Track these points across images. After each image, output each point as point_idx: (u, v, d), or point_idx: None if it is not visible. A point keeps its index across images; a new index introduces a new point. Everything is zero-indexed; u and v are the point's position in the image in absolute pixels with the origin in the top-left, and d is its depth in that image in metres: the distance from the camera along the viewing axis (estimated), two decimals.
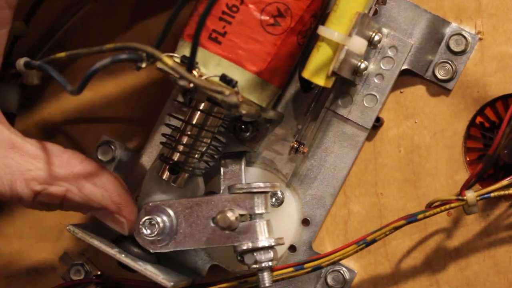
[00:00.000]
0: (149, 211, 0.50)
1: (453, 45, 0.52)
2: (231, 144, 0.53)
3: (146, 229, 0.50)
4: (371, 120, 0.52)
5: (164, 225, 0.50)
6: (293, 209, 0.53)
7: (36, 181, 0.45)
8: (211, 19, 0.47)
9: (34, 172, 0.45)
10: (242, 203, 0.49)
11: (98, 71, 0.42)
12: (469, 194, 0.49)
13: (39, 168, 0.45)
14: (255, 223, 0.49)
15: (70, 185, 0.47)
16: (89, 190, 0.47)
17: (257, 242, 0.49)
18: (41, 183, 0.46)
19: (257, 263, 0.49)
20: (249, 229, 0.49)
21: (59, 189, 0.46)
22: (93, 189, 0.48)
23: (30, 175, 0.45)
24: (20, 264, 0.57)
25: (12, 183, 0.45)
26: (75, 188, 0.47)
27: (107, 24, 0.56)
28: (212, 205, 0.49)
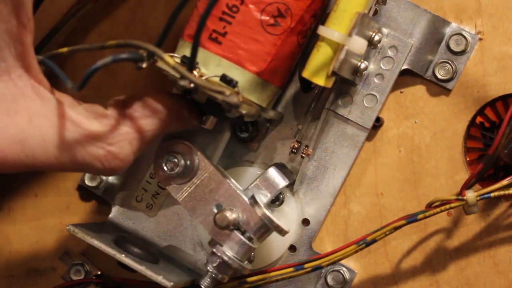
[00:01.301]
0: (182, 149, 0.50)
1: (453, 45, 0.52)
2: (231, 144, 0.53)
3: (167, 164, 0.49)
4: (371, 120, 0.52)
5: (184, 169, 0.49)
6: (293, 209, 0.53)
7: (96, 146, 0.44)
8: (211, 19, 0.47)
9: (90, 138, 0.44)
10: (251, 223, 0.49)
11: (99, 69, 0.42)
12: (469, 194, 0.49)
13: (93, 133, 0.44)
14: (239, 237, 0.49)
15: (130, 135, 0.45)
16: (148, 125, 0.46)
17: (225, 255, 0.48)
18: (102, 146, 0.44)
19: (211, 268, 0.49)
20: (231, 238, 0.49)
21: (122, 145, 0.45)
22: (150, 122, 0.46)
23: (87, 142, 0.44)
24: (20, 264, 0.57)
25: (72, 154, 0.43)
26: (136, 133, 0.46)
27: (107, 24, 0.56)
28: (228, 194, 0.49)
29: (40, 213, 0.57)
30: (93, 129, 0.44)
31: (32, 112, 0.42)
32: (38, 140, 0.42)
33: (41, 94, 0.43)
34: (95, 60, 0.42)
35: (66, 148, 0.43)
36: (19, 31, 0.41)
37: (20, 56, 0.42)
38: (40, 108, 0.42)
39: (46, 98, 0.43)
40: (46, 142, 0.42)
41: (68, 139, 0.43)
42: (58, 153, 0.43)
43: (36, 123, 0.42)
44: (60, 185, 0.57)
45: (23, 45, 0.42)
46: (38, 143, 0.42)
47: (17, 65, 0.42)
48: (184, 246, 0.55)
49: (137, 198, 0.55)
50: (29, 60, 0.42)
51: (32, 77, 0.42)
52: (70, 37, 0.56)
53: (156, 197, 0.55)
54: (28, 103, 0.42)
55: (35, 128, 0.42)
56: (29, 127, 0.42)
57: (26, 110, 0.42)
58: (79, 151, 0.44)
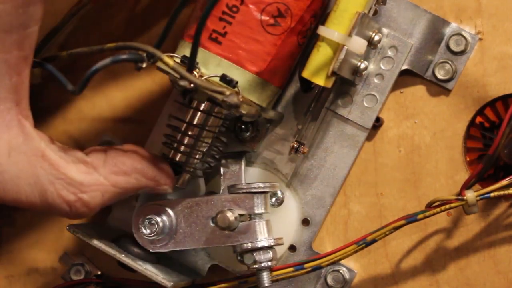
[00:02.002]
0: (149, 211, 0.50)
1: (453, 45, 0.52)
2: (231, 144, 0.53)
3: (146, 229, 0.50)
4: (371, 120, 0.52)
5: (164, 224, 0.50)
6: (293, 209, 0.53)
7: (68, 191, 0.44)
8: (211, 19, 0.47)
9: (64, 182, 0.44)
10: (242, 203, 0.49)
11: (98, 71, 0.42)
12: (469, 194, 0.49)
13: (69, 178, 0.44)
14: (254, 223, 0.49)
15: (104, 187, 0.46)
16: (124, 183, 0.46)
17: (257, 242, 0.49)
18: (74, 192, 0.44)
19: (257, 263, 0.49)
20: (249, 229, 0.49)
21: (94, 195, 0.45)
22: (127, 180, 0.46)
23: (60, 185, 0.44)
24: (20, 264, 0.57)
25: (43, 194, 0.43)
26: (110, 187, 0.46)
27: (107, 24, 0.56)
28: (212, 205, 0.49)
29: (40, 213, 0.57)
30: (69, 173, 0.44)
31: (13, 147, 0.42)
32: (12, 176, 0.42)
33: (25, 131, 0.42)
34: (95, 61, 0.42)
35: (39, 187, 0.43)
36: (18, 63, 0.40)
37: (14, 88, 0.41)
38: (21, 145, 0.42)
39: (29, 135, 0.42)
40: (19, 178, 0.42)
41: (43, 180, 0.43)
42: (30, 191, 0.43)
43: (14, 158, 0.42)
44: None
45: (19, 77, 0.41)
46: (12, 178, 0.42)
47: (9, 98, 0.41)
48: None
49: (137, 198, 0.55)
50: (22, 93, 0.42)
51: (20, 111, 0.42)
52: (70, 37, 0.56)
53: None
54: (10, 137, 0.42)
55: (12, 163, 0.42)
56: (7, 162, 0.41)
57: (7, 144, 0.41)
58: (51, 193, 0.43)
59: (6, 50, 0.40)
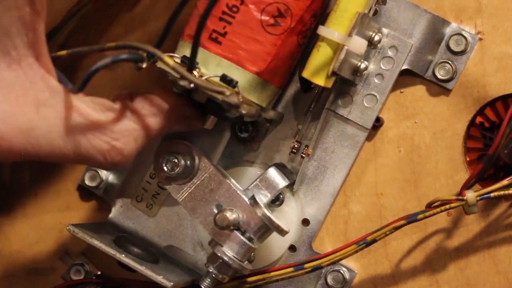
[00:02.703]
0: (182, 149, 0.50)
1: (453, 45, 0.52)
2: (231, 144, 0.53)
3: (167, 164, 0.49)
4: (371, 120, 0.52)
5: (184, 170, 0.49)
6: (293, 209, 0.53)
7: (101, 140, 0.44)
8: (211, 19, 0.47)
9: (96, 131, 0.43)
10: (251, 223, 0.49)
11: (98, 71, 0.42)
12: (469, 194, 0.49)
13: (100, 126, 0.44)
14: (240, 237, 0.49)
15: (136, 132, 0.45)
16: (153, 123, 0.46)
17: (225, 255, 0.49)
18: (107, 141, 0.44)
19: (212, 268, 0.49)
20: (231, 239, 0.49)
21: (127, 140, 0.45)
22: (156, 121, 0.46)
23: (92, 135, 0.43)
24: (20, 264, 0.57)
25: (76, 146, 0.43)
26: (141, 130, 0.45)
27: (107, 24, 0.56)
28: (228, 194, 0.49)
29: (40, 213, 0.57)
30: (99, 122, 0.44)
31: (40, 102, 0.42)
32: (44, 130, 0.42)
33: (50, 84, 0.42)
34: (95, 61, 0.42)
35: (71, 139, 0.43)
36: (32, 19, 0.40)
37: (31, 44, 0.41)
38: (48, 99, 0.42)
39: (54, 88, 0.42)
40: (51, 132, 0.42)
41: (74, 131, 0.43)
42: (63, 144, 0.43)
43: (43, 113, 0.42)
44: (60, 185, 0.57)
45: (35, 33, 0.41)
46: (44, 133, 0.42)
47: (28, 54, 0.41)
48: (184, 246, 0.55)
49: (137, 198, 0.55)
50: (40, 49, 0.42)
51: (42, 66, 0.42)
52: (70, 37, 0.56)
53: (156, 197, 0.55)
54: (36, 93, 0.42)
55: (42, 118, 0.42)
56: (37, 117, 0.41)
57: (34, 100, 0.41)
58: (84, 144, 0.43)
59: (19, 6, 0.40)
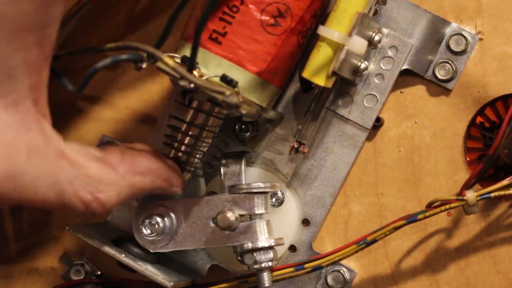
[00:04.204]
0: (149, 210, 0.50)
1: (453, 45, 0.52)
2: (231, 144, 0.53)
3: (146, 229, 0.50)
4: (371, 120, 0.52)
5: (164, 225, 0.50)
6: (293, 209, 0.53)
7: (86, 190, 0.43)
8: (211, 19, 0.47)
9: (83, 181, 0.43)
10: (242, 203, 0.49)
11: (98, 71, 0.42)
12: (469, 194, 0.49)
13: (88, 177, 0.44)
14: (255, 223, 0.49)
15: (120, 187, 0.45)
16: (139, 183, 0.46)
17: (257, 242, 0.49)
18: (91, 192, 0.44)
19: (257, 263, 0.49)
20: (249, 229, 0.49)
21: (110, 194, 0.45)
22: (142, 181, 0.46)
23: (79, 185, 0.43)
24: (20, 264, 0.57)
25: (60, 194, 0.43)
26: (126, 187, 0.45)
27: (107, 24, 0.56)
28: (212, 205, 0.49)
29: (40, 213, 0.57)
30: (87, 172, 0.43)
31: (32, 148, 0.41)
32: (31, 177, 0.41)
33: (44, 131, 0.42)
34: (95, 62, 0.42)
35: (57, 188, 0.42)
36: (38, 62, 0.40)
37: (33, 87, 0.40)
38: (40, 145, 0.41)
39: (47, 135, 0.42)
40: (38, 179, 0.41)
41: (61, 180, 0.42)
42: (47, 192, 0.42)
43: (34, 160, 0.41)
44: None
45: (39, 76, 0.40)
46: (31, 180, 0.41)
47: (27, 97, 0.40)
48: None
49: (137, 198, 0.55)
50: (41, 93, 0.41)
51: (39, 111, 0.41)
52: (70, 37, 0.56)
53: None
54: (30, 138, 0.41)
55: (31, 164, 0.41)
56: (27, 163, 0.41)
57: (26, 145, 0.41)
58: (68, 193, 0.43)
59: (27, 49, 0.39)
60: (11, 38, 0.38)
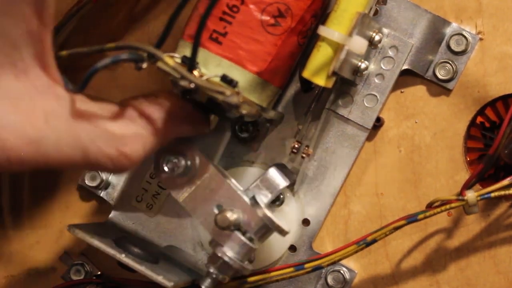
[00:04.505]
0: (183, 149, 0.49)
1: (453, 45, 0.52)
2: (231, 144, 0.53)
3: (167, 165, 0.49)
4: (372, 120, 0.52)
5: (185, 170, 0.49)
6: (293, 209, 0.53)
7: (110, 146, 0.44)
8: (211, 19, 0.47)
9: (104, 137, 0.43)
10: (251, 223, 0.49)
11: (99, 71, 0.42)
12: (470, 194, 0.49)
13: (109, 132, 0.44)
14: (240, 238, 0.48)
15: (144, 138, 0.45)
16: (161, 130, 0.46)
17: (226, 255, 0.48)
18: (116, 147, 0.44)
19: (212, 268, 0.49)
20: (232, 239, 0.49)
21: (135, 147, 0.45)
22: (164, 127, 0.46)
23: (101, 142, 0.43)
24: (20, 264, 0.57)
25: (85, 153, 0.43)
26: (150, 137, 0.45)
27: (107, 24, 0.56)
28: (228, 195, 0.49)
29: (40, 213, 0.57)
30: (108, 128, 0.44)
31: (49, 111, 0.42)
32: (53, 140, 0.42)
33: (57, 93, 0.42)
34: (95, 62, 0.42)
35: (80, 147, 0.43)
36: (39, 31, 0.41)
37: (38, 55, 0.41)
38: (56, 108, 0.42)
39: (62, 97, 0.42)
40: (61, 141, 0.42)
41: (83, 139, 0.43)
42: (72, 152, 0.43)
43: (52, 122, 0.42)
44: (60, 185, 0.57)
45: (43, 44, 0.41)
46: (53, 143, 0.42)
47: (35, 65, 0.41)
48: (184, 246, 0.55)
49: (137, 198, 0.55)
50: (48, 59, 0.42)
51: (49, 76, 0.42)
52: (70, 37, 0.56)
53: (156, 197, 0.55)
54: (44, 103, 0.42)
55: (51, 128, 0.42)
56: (45, 127, 0.41)
57: (42, 109, 0.42)
58: (93, 151, 0.43)
59: (27, 19, 0.40)
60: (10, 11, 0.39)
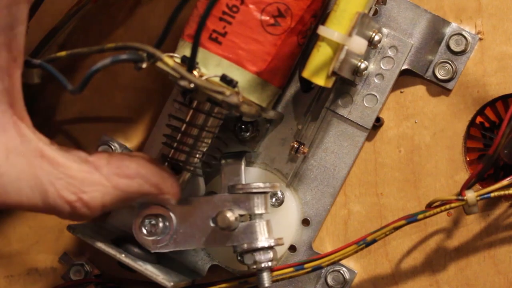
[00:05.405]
0: (149, 211, 0.50)
1: (453, 45, 0.52)
2: (231, 144, 0.53)
3: (146, 229, 0.50)
4: (371, 120, 0.52)
5: (164, 225, 0.50)
6: (293, 209, 0.53)
7: (68, 191, 0.43)
8: (211, 19, 0.47)
9: (64, 181, 0.43)
10: (242, 203, 0.49)
11: (98, 71, 0.42)
12: (469, 194, 0.49)
13: (69, 176, 0.43)
14: (254, 223, 0.49)
15: (104, 188, 0.45)
16: (125, 186, 0.45)
17: (257, 242, 0.49)
18: (74, 192, 0.44)
19: (257, 264, 0.49)
20: (249, 229, 0.49)
21: (94, 195, 0.44)
22: (129, 184, 0.46)
23: (61, 185, 0.43)
24: (20, 264, 0.57)
25: (44, 195, 0.43)
26: (111, 188, 0.45)
27: (107, 24, 0.56)
28: (212, 205, 0.49)
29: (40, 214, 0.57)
30: (70, 172, 0.43)
31: (11, 149, 0.41)
32: (12, 178, 0.41)
33: (22, 132, 0.42)
34: (95, 62, 0.42)
35: (39, 188, 0.42)
36: (8, 65, 0.40)
37: (6, 90, 0.41)
38: (18, 146, 0.42)
39: (26, 136, 0.42)
40: (20, 180, 0.42)
41: (43, 181, 0.42)
42: (31, 193, 0.42)
43: (13, 160, 0.41)
44: None
45: (11, 79, 0.40)
46: (12, 181, 0.41)
47: (2, 101, 0.41)
48: None
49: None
50: (15, 95, 0.41)
51: (15, 113, 0.41)
52: (70, 37, 0.56)
53: None
54: (7, 140, 0.41)
55: (11, 165, 0.41)
56: (6, 164, 0.41)
57: (4, 146, 0.41)
58: (51, 194, 0.43)
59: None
60: None
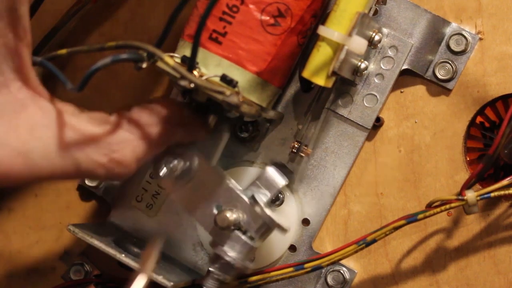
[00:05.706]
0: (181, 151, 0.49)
1: (453, 45, 0.52)
2: (231, 144, 0.53)
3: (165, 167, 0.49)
4: (371, 120, 0.52)
5: (183, 172, 0.49)
6: (293, 209, 0.53)
7: (98, 153, 0.43)
8: (211, 19, 0.47)
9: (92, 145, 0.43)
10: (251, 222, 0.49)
11: (98, 70, 0.42)
12: (469, 194, 0.49)
13: (95, 140, 0.43)
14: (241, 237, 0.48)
15: (132, 142, 0.45)
16: (152, 134, 0.45)
17: (227, 255, 0.48)
18: (105, 154, 0.44)
19: (214, 269, 0.49)
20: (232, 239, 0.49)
21: (125, 152, 0.44)
22: (153, 130, 0.46)
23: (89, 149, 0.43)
24: (20, 264, 0.57)
25: (75, 162, 0.43)
26: (138, 140, 0.45)
27: (107, 24, 0.56)
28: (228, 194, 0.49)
29: (40, 213, 0.57)
30: (95, 135, 0.44)
31: (33, 123, 0.42)
32: (41, 151, 0.42)
33: (41, 105, 0.42)
34: (95, 61, 0.42)
35: (70, 156, 0.43)
36: (16, 45, 0.41)
37: (18, 69, 0.41)
38: (40, 119, 0.42)
39: (46, 108, 0.43)
40: (49, 152, 0.42)
41: (71, 148, 0.43)
42: (62, 162, 0.43)
43: (37, 134, 0.42)
44: (60, 185, 0.57)
45: (20, 58, 0.41)
46: (41, 154, 0.42)
47: (16, 78, 0.42)
48: (184, 246, 0.55)
49: (137, 198, 0.55)
50: (27, 72, 0.42)
51: (31, 89, 0.42)
52: (70, 37, 0.56)
53: (156, 197, 0.55)
54: (28, 115, 0.42)
55: (37, 139, 0.42)
56: (31, 139, 0.42)
57: (27, 122, 0.42)
58: (83, 159, 0.43)
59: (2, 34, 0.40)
60: None
